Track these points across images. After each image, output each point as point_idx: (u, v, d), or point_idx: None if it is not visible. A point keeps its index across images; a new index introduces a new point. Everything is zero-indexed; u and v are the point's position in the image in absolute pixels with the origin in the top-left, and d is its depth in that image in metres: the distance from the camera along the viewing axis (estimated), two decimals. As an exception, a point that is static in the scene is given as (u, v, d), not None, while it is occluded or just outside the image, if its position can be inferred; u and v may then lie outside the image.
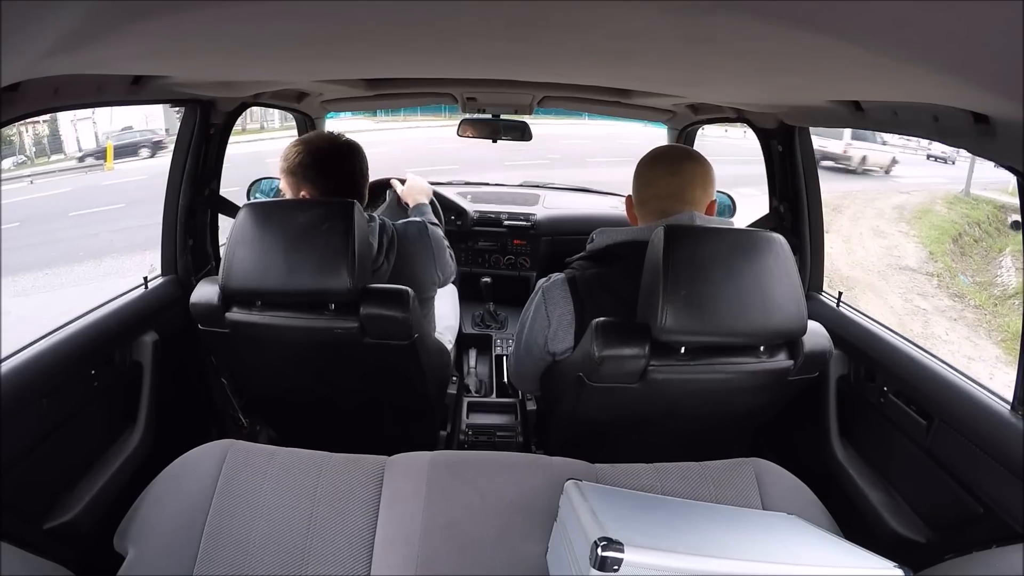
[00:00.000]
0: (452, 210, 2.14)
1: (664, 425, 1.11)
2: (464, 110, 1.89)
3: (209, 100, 1.32)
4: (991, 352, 6.19)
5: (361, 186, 1.25)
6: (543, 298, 1.09)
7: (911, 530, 0.99)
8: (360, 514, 0.75)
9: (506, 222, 2.17)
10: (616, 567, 0.54)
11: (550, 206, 2.28)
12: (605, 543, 0.54)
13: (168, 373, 1.25)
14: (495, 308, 2.07)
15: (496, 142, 2.04)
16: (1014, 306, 7.12)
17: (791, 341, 0.99)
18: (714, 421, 1.13)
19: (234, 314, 1.09)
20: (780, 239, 0.96)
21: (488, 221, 2.18)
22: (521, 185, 2.62)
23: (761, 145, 1.48)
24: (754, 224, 1.55)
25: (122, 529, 0.76)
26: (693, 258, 0.90)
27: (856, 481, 1.11)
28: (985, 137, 0.72)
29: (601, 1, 0.48)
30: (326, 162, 1.19)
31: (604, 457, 0.85)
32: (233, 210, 1.40)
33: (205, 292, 1.11)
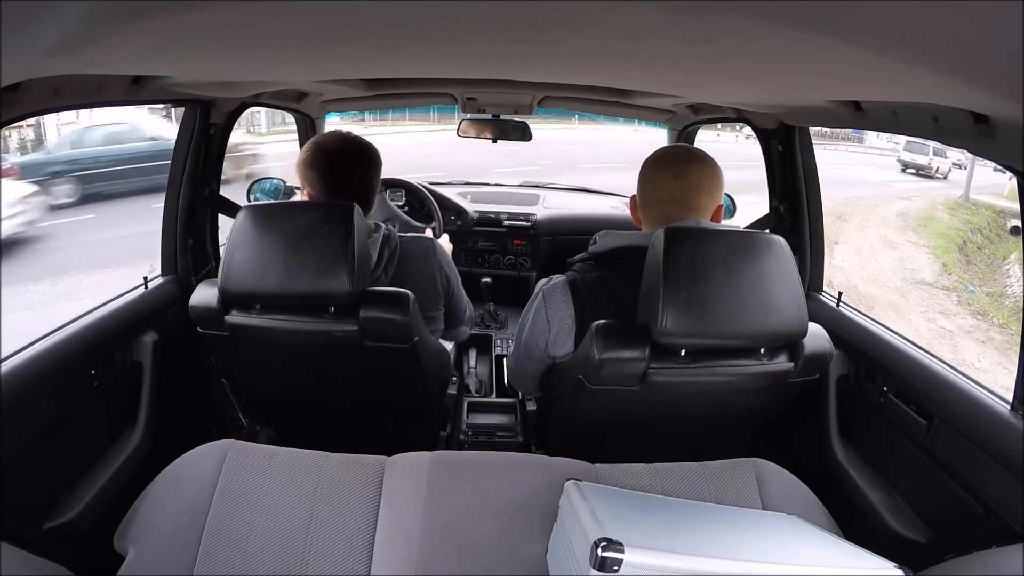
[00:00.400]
0: (452, 210, 2.14)
1: (664, 426, 1.11)
2: (464, 110, 1.89)
3: (209, 100, 1.32)
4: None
5: (364, 192, 1.21)
6: (543, 301, 1.08)
7: (911, 530, 0.99)
8: (360, 514, 0.75)
9: (506, 222, 2.18)
10: (616, 567, 0.54)
11: (550, 206, 2.28)
12: (605, 543, 0.54)
13: (168, 373, 1.25)
14: (495, 308, 2.08)
15: (496, 142, 2.04)
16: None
17: (792, 343, 0.99)
18: (714, 422, 1.13)
19: (233, 317, 1.09)
20: (780, 241, 0.95)
21: (488, 221, 2.18)
22: (521, 185, 2.62)
23: (761, 145, 1.48)
24: (754, 224, 1.55)
25: (122, 529, 0.76)
26: (694, 260, 0.90)
27: (856, 481, 1.11)
28: (985, 137, 0.72)
29: (601, 1, 0.48)
30: (327, 164, 1.18)
31: (604, 457, 0.85)
32: (233, 209, 1.40)
33: (204, 295, 1.11)
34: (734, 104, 1.38)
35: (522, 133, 2.01)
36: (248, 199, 1.81)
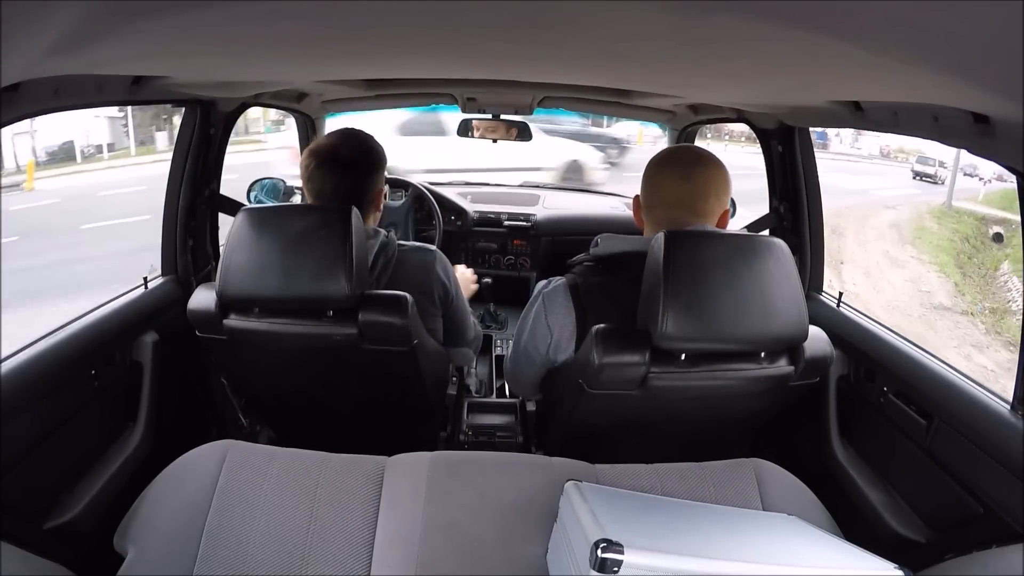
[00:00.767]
0: (452, 210, 2.14)
1: (664, 429, 1.11)
2: (464, 110, 1.88)
3: (209, 100, 1.31)
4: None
5: (366, 196, 1.16)
6: (543, 306, 1.06)
7: (911, 530, 0.99)
8: (360, 514, 0.75)
9: (506, 222, 2.18)
10: (616, 568, 0.54)
11: (550, 206, 2.28)
12: (605, 544, 0.54)
13: (168, 373, 1.25)
14: (495, 308, 2.07)
15: (496, 142, 2.04)
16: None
17: (792, 347, 0.98)
18: (714, 425, 1.12)
19: (232, 321, 1.08)
20: (780, 244, 0.95)
21: (488, 221, 2.18)
22: (521, 185, 2.63)
23: (761, 145, 1.48)
24: (754, 224, 1.55)
25: (122, 529, 0.76)
26: (693, 263, 0.89)
27: (856, 481, 1.11)
28: (985, 137, 0.72)
29: (601, 2, 0.48)
30: (321, 168, 1.14)
31: (604, 458, 0.85)
32: (235, 209, 1.40)
33: (202, 299, 1.10)
34: (734, 104, 1.38)
35: (522, 133, 2.01)
36: (248, 198, 1.81)
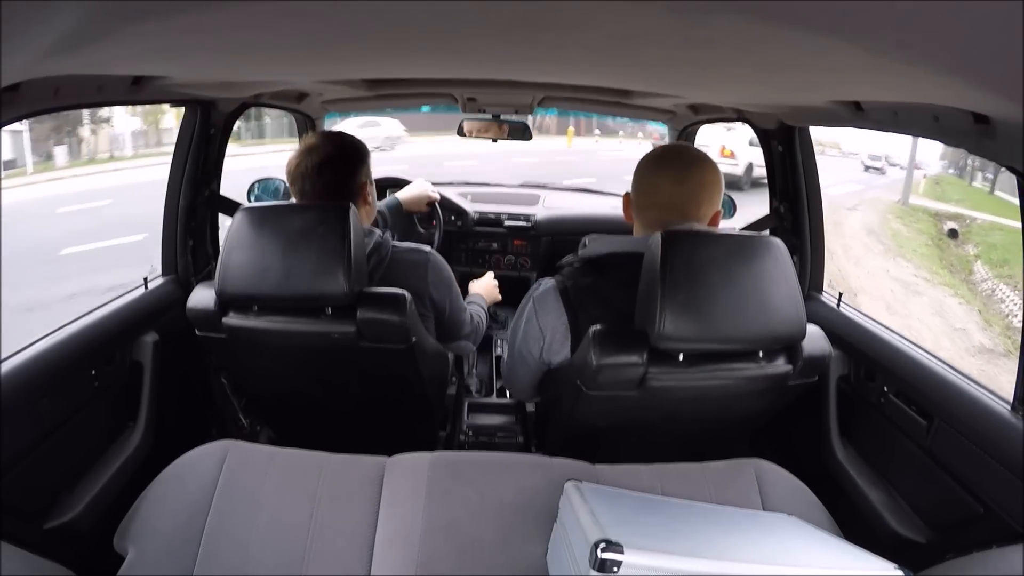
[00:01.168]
0: (452, 210, 2.14)
1: (663, 429, 1.11)
2: (464, 110, 1.88)
3: (209, 100, 1.32)
4: None
5: (341, 192, 1.14)
6: (534, 308, 1.05)
7: (911, 530, 0.99)
8: (360, 514, 0.75)
9: (506, 222, 2.18)
10: (615, 568, 0.54)
11: (550, 206, 2.28)
12: (604, 545, 0.54)
13: (168, 373, 1.25)
14: (495, 308, 2.07)
15: (496, 142, 2.05)
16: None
17: (790, 346, 0.98)
18: (713, 425, 1.12)
19: (231, 319, 1.08)
20: (778, 243, 0.95)
21: (488, 221, 2.18)
22: (521, 185, 2.63)
23: (761, 145, 1.48)
24: (754, 224, 1.55)
25: (122, 529, 0.76)
26: (691, 263, 0.89)
27: (856, 481, 1.10)
28: (985, 137, 0.72)
29: (602, 2, 0.48)
30: (299, 168, 1.14)
31: (603, 458, 0.85)
32: (235, 209, 1.40)
33: (201, 297, 1.11)
34: (735, 104, 1.38)
35: (522, 133, 2.01)
36: (248, 199, 1.81)
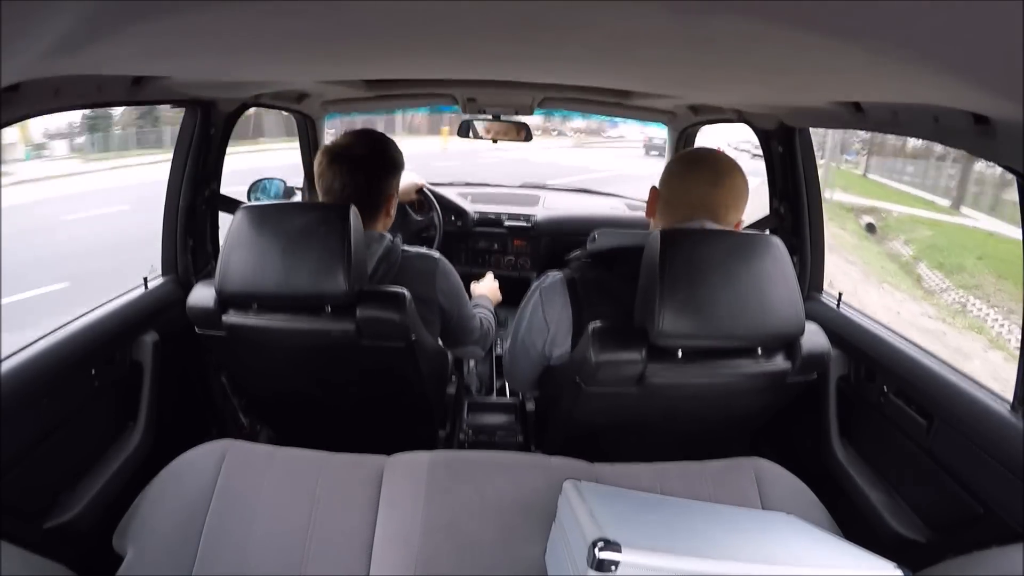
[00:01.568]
0: (452, 210, 2.14)
1: (663, 427, 1.11)
2: (464, 111, 1.89)
3: (210, 100, 1.32)
4: None
5: (369, 197, 1.15)
6: (540, 299, 1.07)
7: (911, 530, 0.99)
8: (359, 514, 0.75)
9: (506, 222, 2.18)
10: (613, 568, 0.54)
11: (550, 207, 2.28)
12: (602, 544, 0.54)
13: (168, 373, 1.25)
14: (495, 308, 2.07)
15: (496, 142, 2.05)
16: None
17: (789, 343, 0.98)
18: (713, 423, 1.13)
19: (230, 317, 1.09)
20: (777, 241, 0.95)
21: (488, 221, 2.19)
22: (521, 186, 2.63)
23: (761, 145, 1.48)
24: (754, 224, 1.55)
25: (121, 529, 0.76)
26: (690, 261, 0.89)
27: (856, 481, 1.10)
28: (985, 138, 0.72)
29: (602, 3, 0.48)
30: (332, 166, 1.15)
31: (603, 457, 0.85)
32: (236, 208, 1.40)
33: (201, 295, 1.11)
34: (734, 105, 1.38)
35: (521, 132, 2.01)
36: (248, 199, 1.81)
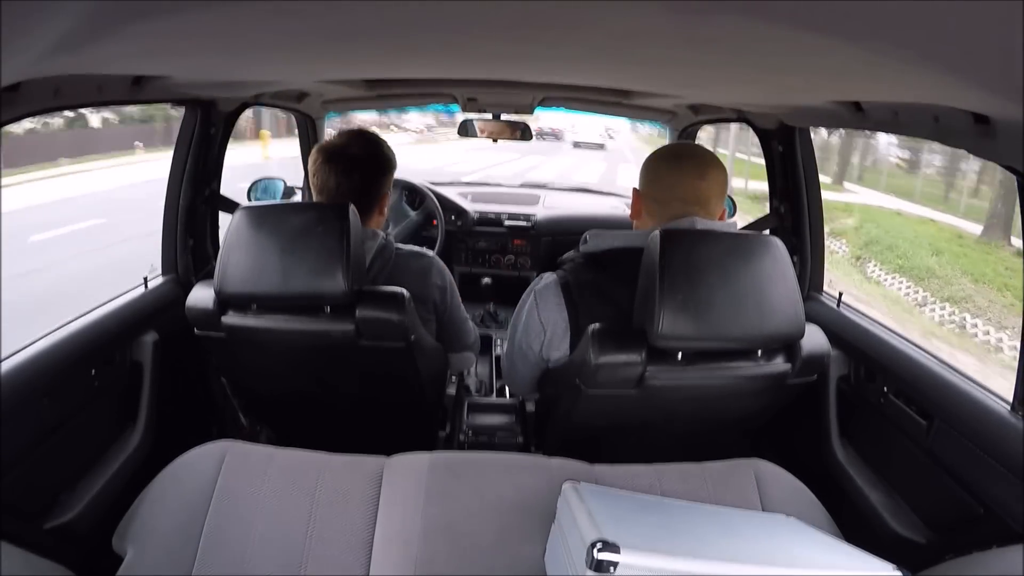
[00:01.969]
0: (452, 210, 2.14)
1: (663, 428, 1.11)
2: (465, 110, 1.89)
3: (210, 100, 1.32)
4: None
5: (364, 196, 1.15)
6: (535, 302, 1.06)
7: (911, 530, 0.99)
8: (359, 515, 0.75)
9: (506, 222, 2.18)
10: (612, 569, 0.54)
11: (550, 206, 2.29)
12: (601, 545, 0.54)
13: (168, 373, 1.25)
14: (495, 308, 2.08)
15: (496, 141, 2.05)
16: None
17: (789, 344, 0.98)
18: (713, 425, 1.12)
19: (230, 318, 1.09)
20: (777, 242, 0.95)
21: (488, 221, 2.19)
22: (522, 185, 2.64)
23: (761, 145, 1.48)
24: (754, 224, 1.55)
25: (121, 529, 0.76)
26: (689, 262, 0.89)
27: (856, 481, 1.10)
28: (986, 138, 0.72)
29: (602, 2, 0.48)
30: (328, 165, 1.15)
31: (603, 459, 0.85)
32: (235, 208, 1.41)
33: (200, 296, 1.11)
34: (735, 104, 1.38)
35: (522, 132, 2.01)
36: (248, 199, 1.81)
